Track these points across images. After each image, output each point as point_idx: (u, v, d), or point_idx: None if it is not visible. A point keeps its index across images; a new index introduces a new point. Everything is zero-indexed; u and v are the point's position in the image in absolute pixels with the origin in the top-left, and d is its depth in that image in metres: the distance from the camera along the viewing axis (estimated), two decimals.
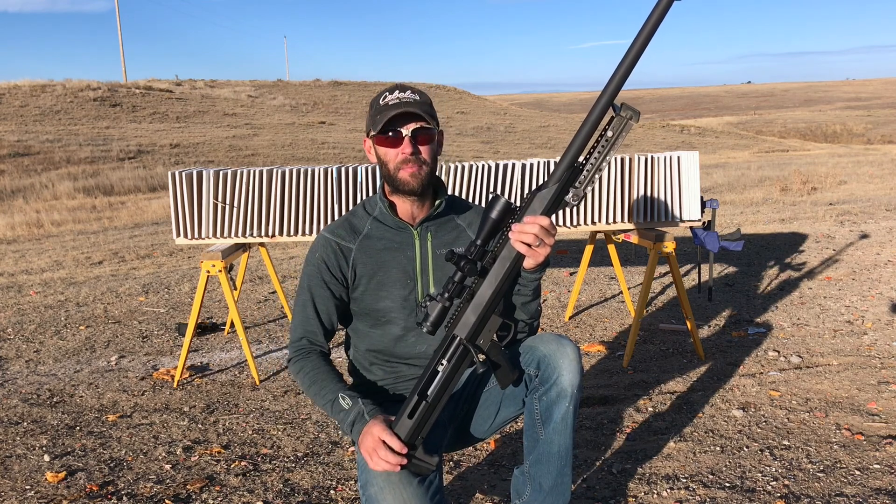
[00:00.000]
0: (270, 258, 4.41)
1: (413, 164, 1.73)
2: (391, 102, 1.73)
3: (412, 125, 1.73)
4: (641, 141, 29.36)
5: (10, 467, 2.60)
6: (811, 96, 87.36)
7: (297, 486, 2.40)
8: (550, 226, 1.55)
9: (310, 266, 1.83)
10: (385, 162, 1.77)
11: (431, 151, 1.77)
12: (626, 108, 1.51)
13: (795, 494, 2.23)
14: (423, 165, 1.75)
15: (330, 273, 1.81)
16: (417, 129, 1.73)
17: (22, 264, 7.08)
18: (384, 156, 1.76)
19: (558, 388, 1.66)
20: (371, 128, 1.77)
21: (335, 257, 1.82)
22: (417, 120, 1.73)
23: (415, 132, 1.73)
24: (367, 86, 38.28)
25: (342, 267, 1.82)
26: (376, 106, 1.76)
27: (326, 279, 1.81)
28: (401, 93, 1.75)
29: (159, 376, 3.56)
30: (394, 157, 1.75)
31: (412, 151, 1.73)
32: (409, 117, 1.73)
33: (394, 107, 1.72)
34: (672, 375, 3.31)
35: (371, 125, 1.77)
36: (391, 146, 1.74)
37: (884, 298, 4.45)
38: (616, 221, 3.42)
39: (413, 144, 1.73)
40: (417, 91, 1.78)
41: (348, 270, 1.82)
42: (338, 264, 1.81)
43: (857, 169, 14.08)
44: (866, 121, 46.70)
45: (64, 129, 21.76)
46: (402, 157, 1.73)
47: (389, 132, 1.73)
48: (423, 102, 1.76)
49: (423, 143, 1.75)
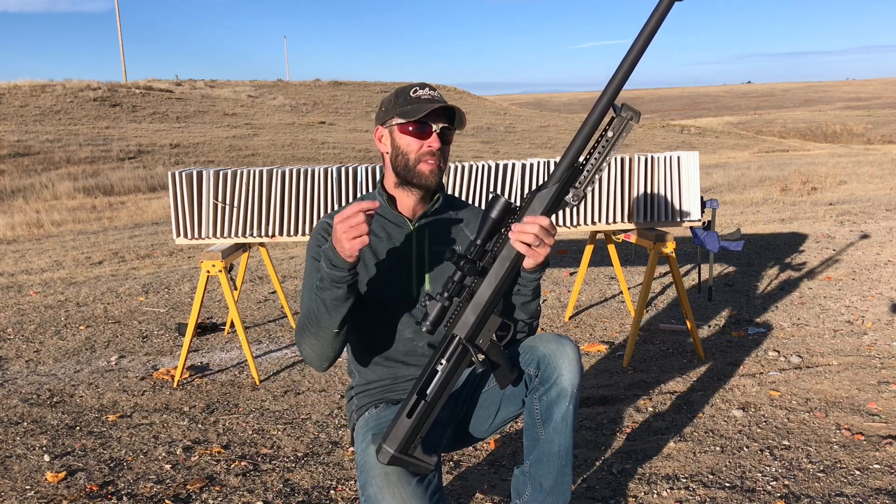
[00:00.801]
0: (270, 258, 4.41)
1: (434, 158, 1.77)
2: (425, 97, 1.76)
3: (441, 123, 1.77)
4: (641, 141, 29.37)
5: (10, 467, 2.60)
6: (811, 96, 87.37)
7: (297, 486, 2.40)
8: (550, 226, 1.55)
9: (313, 248, 1.82)
10: (405, 152, 1.77)
11: (447, 153, 1.82)
12: (627, 109, 1.51)
13: (795, 494, 2.23)
14: (440, 162, 1.78)
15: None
16: (445, 128, 1.78)
17: (22, 264, 7.08)
18: (407, 146, 1.77)
19: (558, 387, 1.66)
20: (398, 116, 1.77)
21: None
22: (446, 120, 1.78)
23: (443, 129, 1.77)
24: (367, 86, 38.28)
25: None
26: (406, 97, 1.78)
27: None
28: (431, 91, 1.79)
29: (159, 376, 3.56)
30: (417, 149, 1.76)
31: (439, 146, 1.76)
32: (439, 115, 1.76)
33: (430, 101, 1.75)
34: (672, 375, 3.31)
35: (398, 114, 1.77)
36: (418, 137, 1.76)
37: (884, 298, 4.45)
38: (616, 221, 3.42)
39: (441, 140, 1.77)
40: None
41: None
42: None
43: (857, 169, 14.08)
44: (866, 121, 46.72)
45: (64, 129, 21.77)
46: (428, 150, 1.76)
47: (420, 124, 1.75)
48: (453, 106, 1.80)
49: (446, 143, 1.79)
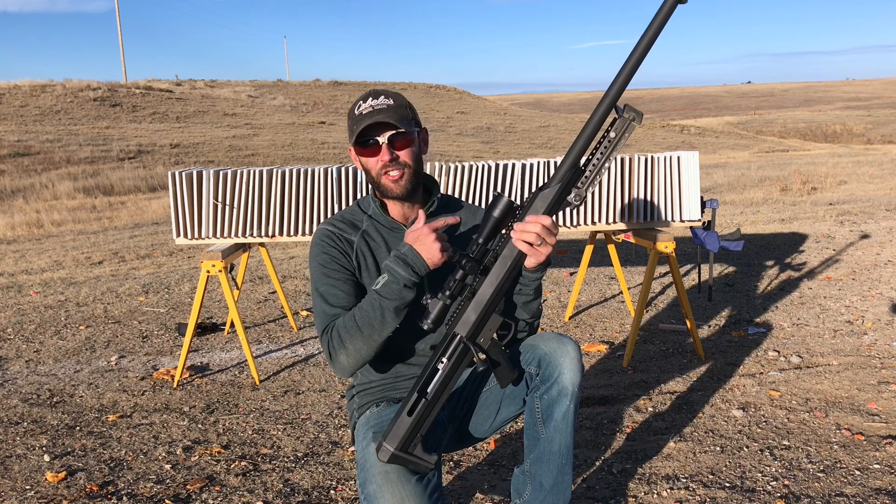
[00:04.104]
0: (270, 258, 4.41)
1: (394, 169, 1.75)
2: (364, 112, 1.74)
3: (388, 132, 1.74)
4: (641, 141, 29.37)
5: (10, 467, 2.60)
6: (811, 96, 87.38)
7: (297, 486, 2.40)
8: (552, 225, 1.55)
9: (316, 256, 1.81)
10: (367, 169, 1.79)
11: (412, 154, 1.78)
12: (629, 110, 1.52)
13: (795, 494, 2.23)
14: (404, 169, 1.76)
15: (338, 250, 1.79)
16: (394, 135, 1.74)
17: (22, 264, 7.08)
18: (365, 164, 1.79)
19: (559, 386, 1.66)
20: (349, 137, 1.79)
21: (339, 242, 1.81)
22: (393, 126, 1.74)
23: (391, 138, 1.74)
24: (367, 86, 38.28)
25: (346, 253, 1.81)
26: (352, 116, 1.78)
27: (335, 255, 1.79)
28: (374, 100, 1.75)
29: (159, 376, 3.56)
30: (374, 165, 1.77)
31: (390, 158, 1.74)
32: (383, 125, 1.73)
33: (367, 116, 1.73)
34: (672, 375, 3.31)
35: (349, 134, 1.79)
36: (370, 155, 1.76)
37: (884, 298, 4.45)
38: (616, 221, 3.42)
39: (391, 151, 1.74)
40: (392, 94, 1.78)
41: (353, 259, 1.81)
42: (342, 250, 1.80)
43: (857, 169, 14.08)
44: (866, 121, 46.72)
45: (64, 129, 21.77)
46: (382, 164, 1.75)
47: (368, 141, 1.74)
48: (398, 106, 1.76)
49: (400, 149, 1.76)
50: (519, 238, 1.55)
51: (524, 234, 1.54)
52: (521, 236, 1.55)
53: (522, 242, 1.55)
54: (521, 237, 1.55)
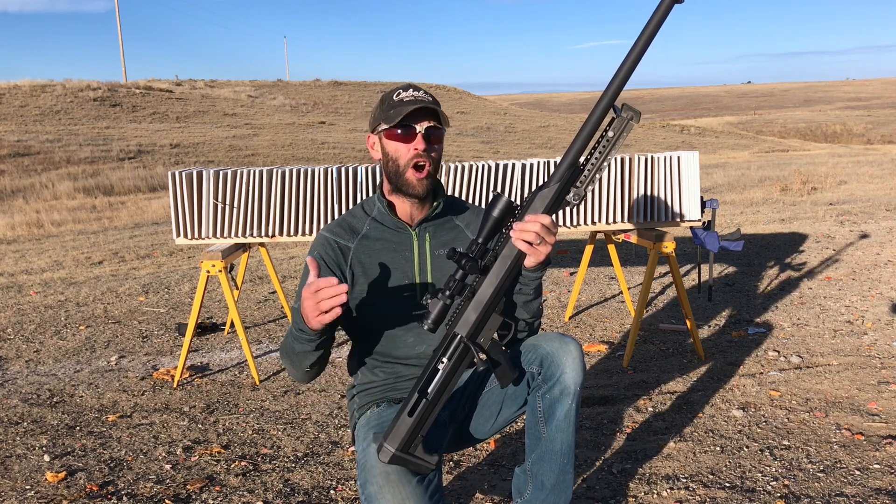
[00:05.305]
0: (270, 258, 4.41)
1: (424, 160, 1.75)
2: (406, 99, 1.75)
3: (426, 123, 1.75)
4: (641, 141, 29.37)
5: (10, 467, 2.60)
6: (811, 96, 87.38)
7: (297, 486, 2.40)
8: (552, 224, 1.55)
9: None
10: (395, 158, 1.77)
11: (439, 151, 1.80)
12: (627, 109, 1.52)
13: (795, 494, 2.23)
14: (431, 164, 1.77)
15: (329, 269, 1.81)
16: (431, 128, 1.76)
17: (22, 264, 7.08)
18: (395, 151, 1.77)
19: (561, 385, 1.66)
20: (383, 122, 1.77)
21: (334, 254, 1.82)
22: (431, 118, 1.76)
23: (428, 130, 1.75)
24: (367, 86, 38.29)
25: (341, 265, 1.82)
26: (389, 101, 1.78)
27: (322, 264, 1.80)
28: (415, 91, 1.78)
29: (159, 376, 3.56)
30: (405, 153, 1.76)
31: (425, 147, 1.75)
32: (424, 114, 1.75)
33: (410, 103, 1.74)
34: (672, 375, 3.31)
35: (382, 119, 1.77)
36: (403, 141, 1.75)
37: (884, 298, 4.45)
38: (616, 221, 3.42)
39: (426, 141, 1.75)
40: (429, 93, 1.80)
41: (347, 269, 1.82)
42: (337, 261, 1.81)
43: (857, 169, 14.08)
44: (866, 121, 46.72)
45: (64, 129, 21.77)
46: (415, 153, 1.75)
47: (403, 127, 1.74)
48: (436, 103, 1.78)
49: (435, 142, 1.77)
50: (518, 237, 1.55)
51: (523, 234, 1.54)
52: (520, 235, 1.55)
53: (522, 242, 1.55)
54: (521, 236, 1.55)
